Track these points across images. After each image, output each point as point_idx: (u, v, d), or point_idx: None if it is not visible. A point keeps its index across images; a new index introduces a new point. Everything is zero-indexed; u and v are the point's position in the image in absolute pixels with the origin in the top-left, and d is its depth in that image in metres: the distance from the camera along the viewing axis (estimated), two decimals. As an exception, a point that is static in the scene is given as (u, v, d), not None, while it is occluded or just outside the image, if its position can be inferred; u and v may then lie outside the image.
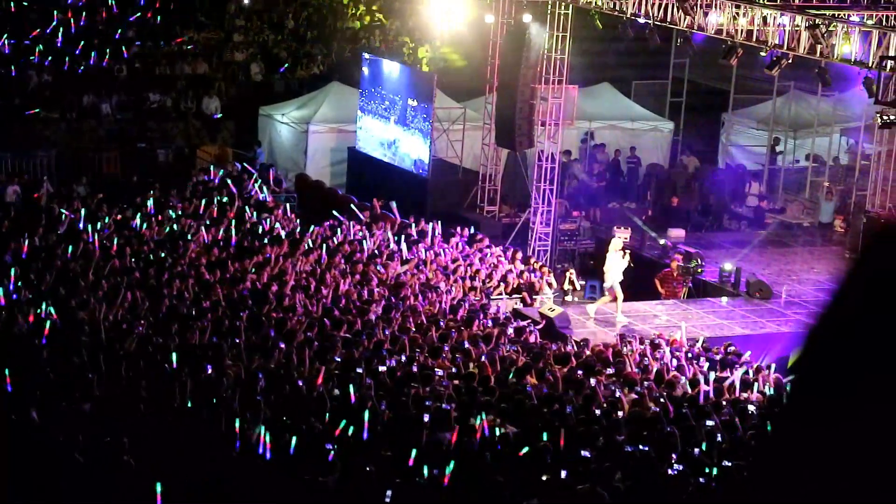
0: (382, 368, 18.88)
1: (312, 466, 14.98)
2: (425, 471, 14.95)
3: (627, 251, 26.20)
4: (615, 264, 25.90)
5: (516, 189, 32.56)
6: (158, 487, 13.66)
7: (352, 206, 29.33)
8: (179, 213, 27.49)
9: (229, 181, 30.19)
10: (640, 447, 16.46)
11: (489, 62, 31.89)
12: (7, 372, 17.00)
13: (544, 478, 15.20)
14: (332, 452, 15.23)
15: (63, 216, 26.24)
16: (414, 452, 15.29)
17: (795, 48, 25.99)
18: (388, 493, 14.24)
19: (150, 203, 27.58)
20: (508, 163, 32.75)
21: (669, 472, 15.75)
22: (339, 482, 14.64)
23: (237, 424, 15.82)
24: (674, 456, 16.33)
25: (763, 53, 27.33)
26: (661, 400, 18.69)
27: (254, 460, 15.32)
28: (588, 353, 21.68)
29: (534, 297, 26.03)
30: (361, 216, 28.65)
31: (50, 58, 36.28)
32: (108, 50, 36.93)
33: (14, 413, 15.84)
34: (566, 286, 27.92)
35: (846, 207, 33.11)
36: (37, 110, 34.99)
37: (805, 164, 36.36)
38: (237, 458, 15.37)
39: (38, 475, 14.75)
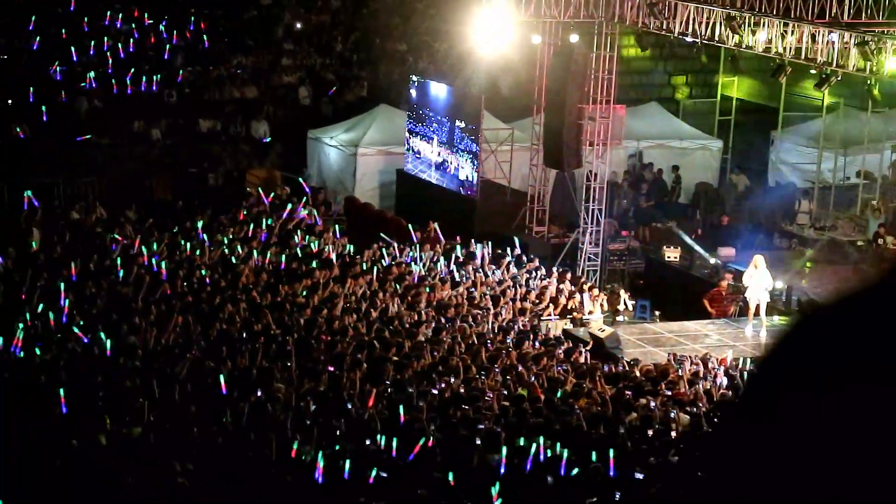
0: (434, 391, 18.88)
1: (364, 489, 14.99)
2: (493, 492, 14.91)
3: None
4: (758, 281, 26.38)
5: (565, 209, 32.50)
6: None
7: (407, 227, 29.28)
8: (230, 237, 27.59)
9: (280, 203, 30.30)
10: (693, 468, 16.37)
11: (536, 83, 31.88)
12: (61, 396, 17.12)
13: (595, 500, 15.15)
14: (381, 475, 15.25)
15: (114, 241, 26.40)
16: (458, 474, 15.28)
17: (844, 65, 25.87)
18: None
19: (199, 226, 27.68)
20: (557, 183, 32.69)
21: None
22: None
23: (290, 448, 15.86)
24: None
25: (812, 71, 27.18)
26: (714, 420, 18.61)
27: (306, 484, 15.34)
28: (638, 373, 21.60)
29: (584, 317, 25.95)
30: (414, 238, 28.65)
31: (100, 83, 36.60)
32: (157, 76, 37.20)
33: (68, 437, 15.94)
34: (620, 306, 27.81)
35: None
36: (88, 136, 35.23)
37: (856, 181, 36.09)
38: (289, 481, 15.40)
39: (90, 498, 14.84)
